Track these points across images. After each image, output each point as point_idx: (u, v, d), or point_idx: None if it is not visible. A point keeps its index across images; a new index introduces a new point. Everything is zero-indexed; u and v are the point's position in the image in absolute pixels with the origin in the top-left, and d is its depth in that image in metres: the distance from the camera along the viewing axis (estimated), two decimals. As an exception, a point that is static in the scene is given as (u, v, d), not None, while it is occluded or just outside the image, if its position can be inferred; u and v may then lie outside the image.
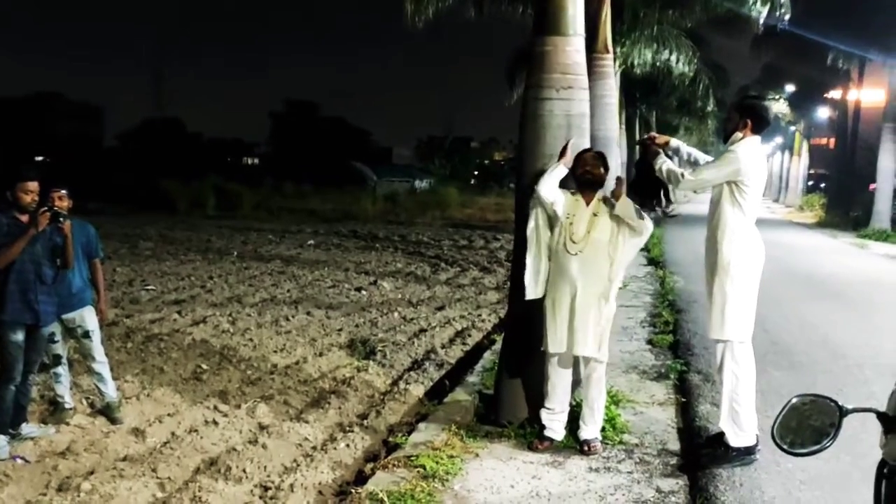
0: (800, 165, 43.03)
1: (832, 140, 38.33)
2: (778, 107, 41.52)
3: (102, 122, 59.95)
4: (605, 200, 4.71)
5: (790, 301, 10.20)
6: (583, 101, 5.20)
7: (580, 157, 4.73)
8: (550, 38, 5.11)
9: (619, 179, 4.82)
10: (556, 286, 4.71)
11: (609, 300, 4.65)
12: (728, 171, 4.53)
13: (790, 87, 36.93)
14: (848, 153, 27.87)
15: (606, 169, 4.76)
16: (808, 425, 1.83)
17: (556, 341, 4.66)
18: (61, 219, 4.84)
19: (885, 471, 1.79)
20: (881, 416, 1.78)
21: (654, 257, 14.94)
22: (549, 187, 4.69)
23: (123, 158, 43.76)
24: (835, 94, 31.04)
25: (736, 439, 4.54)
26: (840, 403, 1.80)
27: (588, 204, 4.67)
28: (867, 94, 25.80)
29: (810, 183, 44.60)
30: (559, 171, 4.76)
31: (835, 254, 16.26)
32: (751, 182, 4.54)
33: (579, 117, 5.15)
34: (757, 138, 4.63)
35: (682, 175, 4.65)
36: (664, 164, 4.76)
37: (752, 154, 4.55)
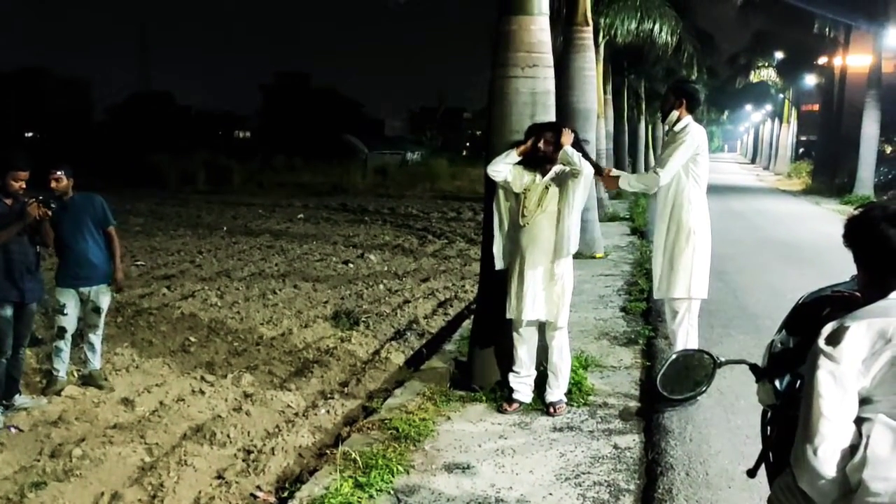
0: (788, 133, 43.06)
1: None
2: (767, 74, 41.66)
3: (91, 97, 59.42)
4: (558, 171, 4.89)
5: (763, 268, 10.48)
6: (548, 79, 5.39)
7: (538, 136, 4.91)
8: (516, 17, 5.29)
9: (566, 131, 4.89)
10: (511, 256, 4.97)
11: (560, 267, 4.85)
12: (692, 151, 5.07)
13: (779, 55, 36.94)
14: (834, 120, 27.98)
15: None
16: (686, 376, 2.08)
17: (510, 308, 4.93)
18: (52, 204, 5.02)
19: (768, 416, 2.04)
20: (752, 367, 2.02)
21: (637, 227, 15.13)
22: (496, 169, 4.92)
23: (113, 133, 43.45)
24: (823, 60, 31.04)
25: None
26: (715, 356, 2.05)
27: (543, 177, 4.88)
28: (854, 60, 25.83)
29: (801, 150, 44.59)
30: (511, 157, 4.91)
31: (814, 221, 16.50)
32: (703, 155, 5.12)
33: (544, 94, 5.35)
34: (691, 117, 5.20)
35: (656, 172, 5.19)
36: (630, 178, 5.53)
37: (699, 130, 5.12)
